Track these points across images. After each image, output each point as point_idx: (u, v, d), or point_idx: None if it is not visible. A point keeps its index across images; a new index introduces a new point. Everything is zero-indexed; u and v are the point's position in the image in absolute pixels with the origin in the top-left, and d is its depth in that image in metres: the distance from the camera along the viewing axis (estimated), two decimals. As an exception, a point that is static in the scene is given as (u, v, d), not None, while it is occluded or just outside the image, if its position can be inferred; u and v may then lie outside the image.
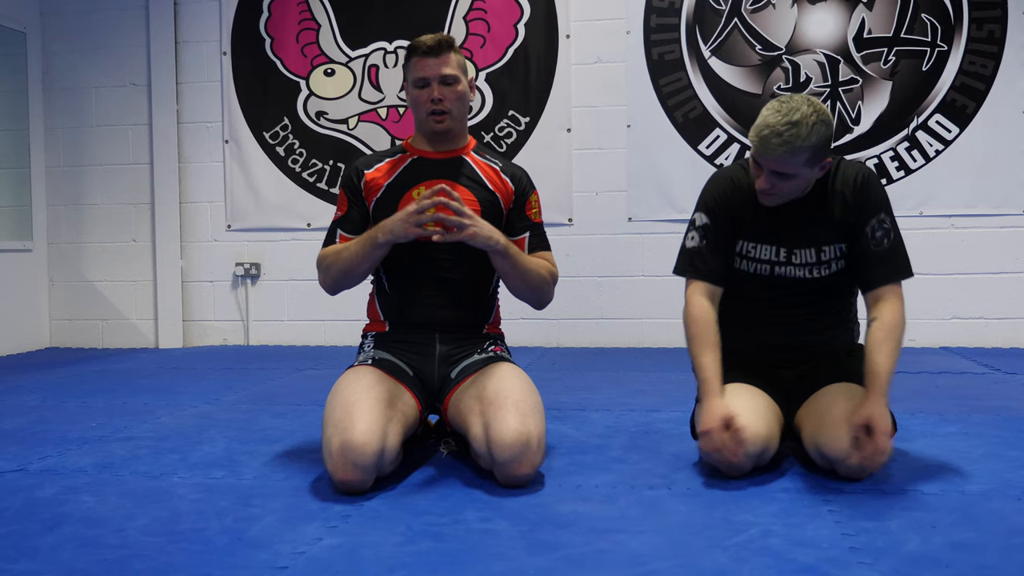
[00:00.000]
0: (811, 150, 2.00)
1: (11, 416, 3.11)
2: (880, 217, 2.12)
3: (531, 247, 2.37)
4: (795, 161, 2.01)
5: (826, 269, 2.18)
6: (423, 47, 2.28)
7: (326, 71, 5.14)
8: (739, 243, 2.21)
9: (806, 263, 2.18)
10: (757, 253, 2.20)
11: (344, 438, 1.97)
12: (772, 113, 2.01)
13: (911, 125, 4.67)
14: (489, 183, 2.35)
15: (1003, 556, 1.60)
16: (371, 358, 2.30)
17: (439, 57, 2.28)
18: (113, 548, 1.70)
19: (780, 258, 2.19)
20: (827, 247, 2.16)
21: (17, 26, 5.21)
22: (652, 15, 4.86)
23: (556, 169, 4.91)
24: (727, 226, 2.19)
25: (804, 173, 2.06)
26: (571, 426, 2.79)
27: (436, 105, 2.28)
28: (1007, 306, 4.63)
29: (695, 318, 2.16)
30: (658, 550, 1.65)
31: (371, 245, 2.22)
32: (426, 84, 2.29)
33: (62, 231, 5.42)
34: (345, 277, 2.32)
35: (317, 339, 5.19)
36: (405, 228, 2.15)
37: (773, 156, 2.01)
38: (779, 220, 2.16)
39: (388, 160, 2.39)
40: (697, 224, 2.22)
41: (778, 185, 2.07)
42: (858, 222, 2.12)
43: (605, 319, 4.94)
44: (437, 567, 1.57)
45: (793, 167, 2.02)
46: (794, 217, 2.15)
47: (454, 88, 2.30)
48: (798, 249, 2.17)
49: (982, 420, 2.80)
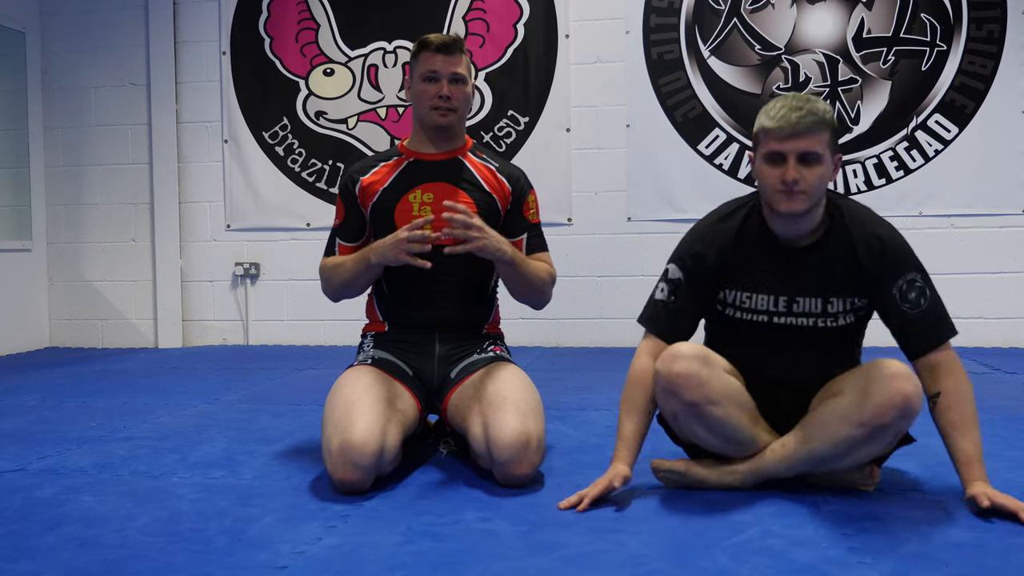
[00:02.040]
0: (832, 127, 1.88)
1: (11, 416, 3.11)
2: (909, 277, 1.92)
3: (529, 248, 2.36)
4: (822, 137, 1.85)
5: (833, 321, 1.98)
6: (436, 43, 2.28)
7: (325, 71, 5.13)
8: (730, 293, 2.02)
9: (810, 313, 1.98)
10: (753, 303, 2.00)
11: (344, 438, 1.97)
12: (778, 101, 1.89)
13: (910, 125, 4.67)
14: (486, 184, 2.34)
15: (1003, 556, 1.60)
16: (371, 358, 2.30)
17: (452, 56, 2.28)
18: (113, 548, 1.70)
19: (779, 308, 1.99)
20: (836, 299, 1.97)
21: (16, 26, 5.20)
22: (651, 15, 4.86)
23: (555, 169, 4.91)
24: (703, 282, 2.02)
25: (827, 160, 1.88)
26: (571, 426, 2.79)
27: (444, 102, 2.28)
28: (1006, 306, 4.64)
29: (633, 380, 2.01)
30: (658, 550, 1.65)
31: (364, 265, 2.27)
32: (436, 79, 2.28)
33: (61, 231, 5.42)
34: (344, 290, 2.38)
35: (316, 339, 5.19)
36: (396, 254, 2.17)
37: (800, 130, 1.84)
38: (778, 266, 1.98)
39: (384, 164, 2.39)
40: (669, 276, 2.05)
41: (805, 175, 1.85)
42: (881, 283, 1.93)
43: (605, 319, 4.94)
44: (437, 567, 1.57)
45: (820, 143, 1.85)
46: (799, 263, 1.96)
47: (462, 88, 2.31)
48: (801, 298, 1.97)
49: (982, 420, 2.78)
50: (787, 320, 1.99)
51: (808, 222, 1.95)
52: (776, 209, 1.92)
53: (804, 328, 1.99)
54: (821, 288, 1.96)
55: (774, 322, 2.00)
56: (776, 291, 1.99)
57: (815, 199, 1.90)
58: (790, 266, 1.97)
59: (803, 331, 2.00)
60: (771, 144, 1.88)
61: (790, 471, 1.97)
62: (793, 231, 1.96)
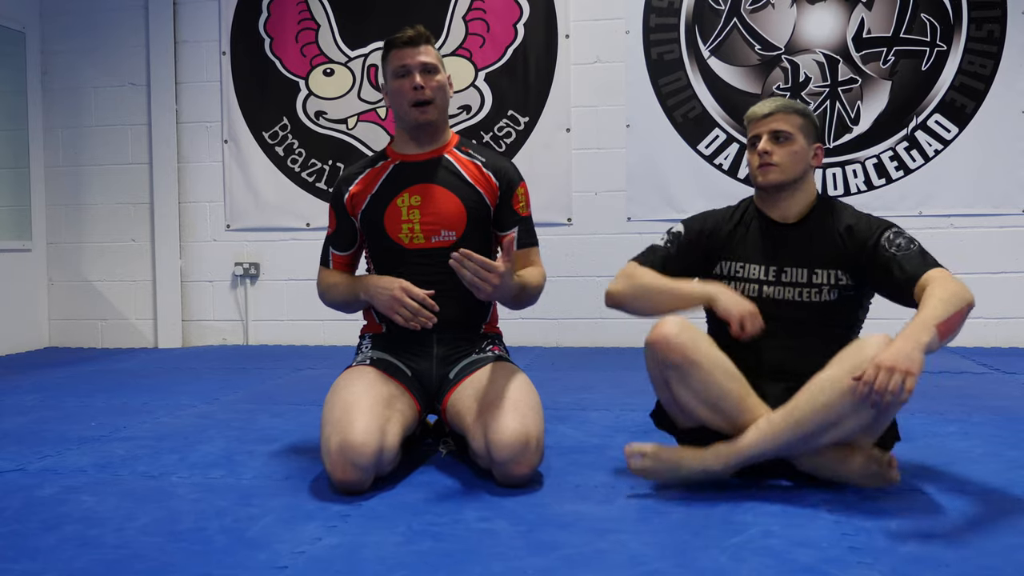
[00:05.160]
0: (804, 114, 2.15)
1: (10, 416, 3.11)
2: (895, 230, 2.08)
3: (520, 242, 2.35)
4: (790, 119, 2.12)
5: (817, 293, 2.11)
6: (401, 39, 2.31)
7: (325, 71, 5.13)
8: (726, 264, 2.20)
9: (797, 283, 2.12)
10: (746, 272, 2.17)
11: (343, 438, 1.97)
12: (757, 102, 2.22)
13: (910, 125, 4.67)
14: (472, 180, 2.33)
15: (1003, 556, 1.60)
16: (369, 358, 2.30)
17: (418, 47, 2.30)
18: (113, 548, 1.70)
19: (769, 277, 2.14)
20: (820, 271, 2.11)
21: (16, 26, 5.20)
22: (651, 15, 4.85)
23: (555, 169, 4.91)
24: (700, 243, 2.21)
25: (800, 140, 2.12)
26: (571, 426, 2.79)
27: (419, 93, 2.27)
28: (1006, 306, 4.63)
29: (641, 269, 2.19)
30: (658, 550, 1.65)
31: (354, 297, 2.35)
32: (407, 72, 2.28)
33: (61, 231, 5.42)
34: (335, 308, 2.45)
35: (316, 339, 5.19)
36: (387, 311, 2.22)
37: (769, 112, 2.12)
38: (771, 239, 2.16)
39: (369, 171, 2.38)
40: (672, 231, 2.26)
41: (777, 150, 2.11)
42: (866, 244, 2.06)
43: (605, 319, 4.93)
44: (437, 567, 1.57)
45: (790, 124, 2.12)
46: (787, 236, 2.16)
47: (434, 77, 2.30)
48: (788, 268, 2.13)
49: (982, 420, 2.81)
50: (776, 291, 2.13)
51: (793, 203, 2.17)
52: (756, 183, 2.17)
53: (792, 303, 2.12)
54: (806, 259, 2.12)
55: (764, 292, 2.13)
56: (765, 262, 2.15)
57: (790, 174, 2.13)
58: (778, 239, 2.16)
59: (792, 305, 2.12)
60: (750, 130, 2.18)
61: (777, 449, 1.94)
62: (781, 210, 2.18)
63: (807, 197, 2.18)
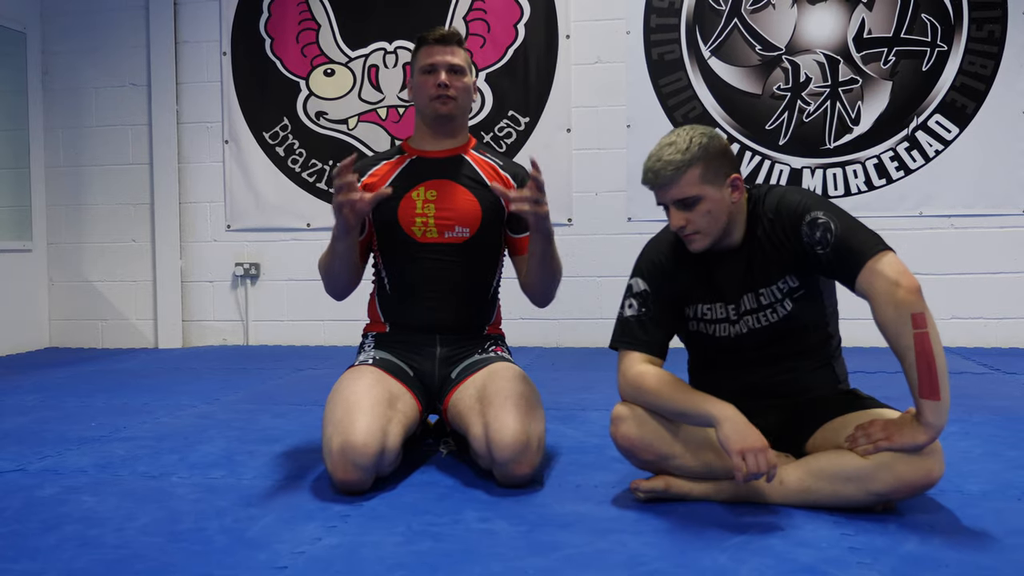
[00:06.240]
0: (698, 161, 1.84)
1: (11, 416, 3.11)
2: (808, 219, 1.84)
3: None
4: (686, 178, 1.85)
5: (772, 313, 1.95)
6: (433, 36, 2.30)
7: (326, 71, 5.14)
8: (692, 307, 2.02)
9: (751, 310, 1.96)
10: (713, 314, 2.00)
11: (344, 438, 1.97)
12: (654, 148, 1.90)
13: (911, 125, 4.67)
14: (489, 181, 2.34)
15: (1003, 556, 1.60)
16: (371, 358, 2.30)
17: (448, 46, 2.30)
18: (113, 548, 1.70)
19: (730, 315, 1.98)
20: (764, 289, 1.94)
21: (17, 26, 5.20)
22: (652, 15, 4.86)
23: (556, 169, 4.91)
24: (668, 293, 2.00)
25: (709, 193, 1.86)
26: (571, 426, 2.79)
27: (443, 90, 2.28)
28: (1006, 306, 4.63)
29: (645, 375, 1.94)
30: (658, 550, 1.65)
31: (331, 240, 2.23)
32: (433, 70, 2.29)
33: (62, 231, 5.42)
34: (330, 278, 2.34)
35: (317, 339, 5.19)
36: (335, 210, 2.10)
37: (663, 181, 1.86)
38: (720, 275, 1.97)
39: (386, 163, 2.39)
40: (635, 291, 2.03)
41: (690, 218, 1.87)
42: (791, 242, 1.87)
43: (605, 319, 4.91)
44: (437, 567, 1.57)
45: (687, 185, 1.85)
46: (730, 267, 1.96)
47: (460, 78, 2.31)
48: (740, 298, 1.96)
49: (982, 420, 2.80)
50: (740, 327, 1.97)
51: (730, 236, 1.94)
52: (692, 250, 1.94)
53: (758, 329, 1.96)
54: (749, 284, 1.95)
55: (732, 332, 1.99)
56: (722, 299, 1.98)
57: (716, 230, 1.90)
58: (730, 272, 1.97)
59: (760, 332, 1.96)
60: (655, 197, 1.93)
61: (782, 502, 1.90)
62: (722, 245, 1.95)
63: (742, 219, 1.94)
